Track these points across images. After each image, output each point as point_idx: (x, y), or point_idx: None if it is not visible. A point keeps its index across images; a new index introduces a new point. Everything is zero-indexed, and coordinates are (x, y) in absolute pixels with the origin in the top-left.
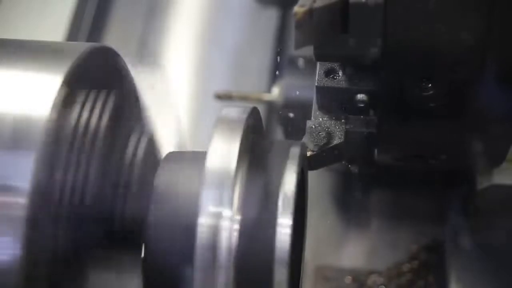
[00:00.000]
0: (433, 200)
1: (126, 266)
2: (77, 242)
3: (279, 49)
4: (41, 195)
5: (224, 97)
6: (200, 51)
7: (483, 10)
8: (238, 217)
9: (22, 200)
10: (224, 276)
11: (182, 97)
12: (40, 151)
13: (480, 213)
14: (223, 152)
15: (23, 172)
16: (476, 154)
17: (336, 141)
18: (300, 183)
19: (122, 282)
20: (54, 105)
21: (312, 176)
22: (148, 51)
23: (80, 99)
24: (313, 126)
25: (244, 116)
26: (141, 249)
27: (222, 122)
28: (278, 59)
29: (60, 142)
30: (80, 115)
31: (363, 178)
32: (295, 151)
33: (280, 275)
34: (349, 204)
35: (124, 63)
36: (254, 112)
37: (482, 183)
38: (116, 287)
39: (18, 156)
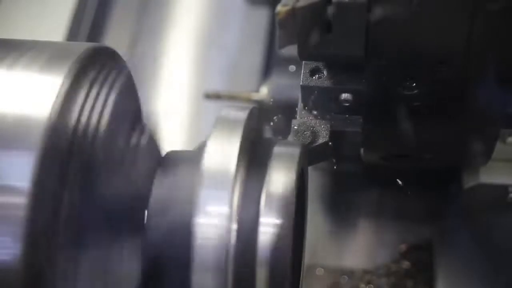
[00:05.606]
0: (422, 199)
1: (126, 266)
2: (77, 242)
3: None
4: (41, 195)
5: (213, 96)
6: (198, 51)
7: (466, 10)
8: (236, 217)
9: (22, 200)
10: (222, 276)
11: (179, 97)
12: (40, 151)
13: (467, 212)
14: (223, 152)
15: (23, 172)
16: (461, 153)
17: (321, 140)
18: (300, 183)
19: (122, 282)
20: (54, 105)
21: None
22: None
23: (80, 99)
24: (298, 125)
25: (244, 116)
26: (140, 249)
27: (222, 122)
28: None
29: (60, 142)
30: (80, 115)
31: (352, 177)
32: (295, 151)
33: (280, 275)
34: (339, 203)
35: (124, 63)
36: (253, 112)
37: (469, 182)
38: (116, 287)
39: (18, 156)
